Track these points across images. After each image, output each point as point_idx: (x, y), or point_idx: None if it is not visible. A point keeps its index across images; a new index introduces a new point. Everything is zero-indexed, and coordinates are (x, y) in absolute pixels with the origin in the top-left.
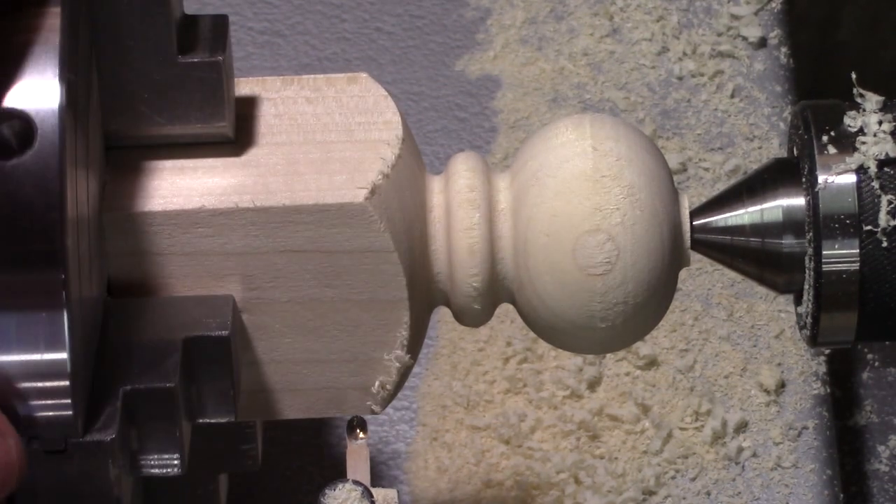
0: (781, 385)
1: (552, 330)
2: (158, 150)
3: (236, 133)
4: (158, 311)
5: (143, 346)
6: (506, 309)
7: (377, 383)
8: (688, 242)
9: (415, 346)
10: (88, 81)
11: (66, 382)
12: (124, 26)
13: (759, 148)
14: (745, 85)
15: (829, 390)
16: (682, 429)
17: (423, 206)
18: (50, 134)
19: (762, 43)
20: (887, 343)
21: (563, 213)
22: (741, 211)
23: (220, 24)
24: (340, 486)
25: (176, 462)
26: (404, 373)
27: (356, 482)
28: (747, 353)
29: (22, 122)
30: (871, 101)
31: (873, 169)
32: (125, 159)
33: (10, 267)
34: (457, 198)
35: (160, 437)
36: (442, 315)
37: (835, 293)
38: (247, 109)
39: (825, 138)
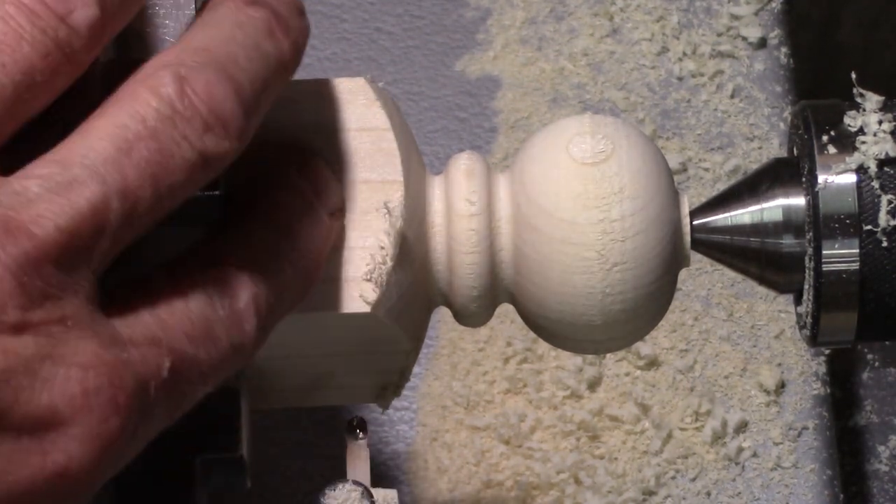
0: (781, 385)
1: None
2: None
3: None
4: None
5: None
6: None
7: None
8: (688, 242)
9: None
10: None
11: None
12: None
13: (759, 148)
14: (745, 85)
15: (829, 390)
16: (682, 429)
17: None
18: None
19: (762, 43)
20: (887, 343)
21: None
22: (741, 211)
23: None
24: (340, 486)
25: None
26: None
27: (356, 482)
28: (747, 353)
29: None
30: (871, 100)
31: (873, 169)
32: None
33: None
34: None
35: None
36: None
37: (835, 293)
38: None
39: (825, 138)
